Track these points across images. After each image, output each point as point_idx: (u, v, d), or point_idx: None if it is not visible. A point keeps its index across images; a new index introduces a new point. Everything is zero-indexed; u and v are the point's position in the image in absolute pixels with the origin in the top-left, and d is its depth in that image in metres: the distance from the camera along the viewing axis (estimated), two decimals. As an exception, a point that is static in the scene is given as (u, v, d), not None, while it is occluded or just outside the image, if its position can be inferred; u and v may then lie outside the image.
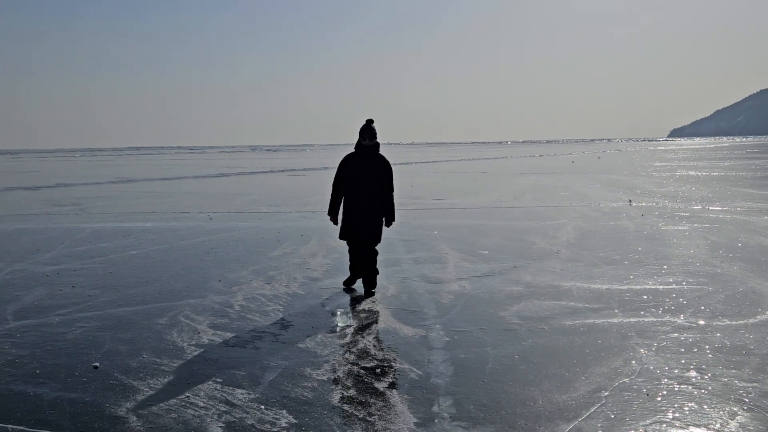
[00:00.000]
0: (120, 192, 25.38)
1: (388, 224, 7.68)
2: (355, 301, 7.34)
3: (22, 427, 4.19)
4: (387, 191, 7.52)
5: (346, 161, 7.58)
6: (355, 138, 7.61)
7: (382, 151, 7.71)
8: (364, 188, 7.41)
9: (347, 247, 7.81)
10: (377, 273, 7.68)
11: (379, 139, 7.57)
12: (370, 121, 7.56)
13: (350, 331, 5.79)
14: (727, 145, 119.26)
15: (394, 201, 7.70)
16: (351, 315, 5.61)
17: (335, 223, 7.64)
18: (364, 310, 6.92)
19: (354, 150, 7.60)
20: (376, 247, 7.64)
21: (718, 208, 15.92)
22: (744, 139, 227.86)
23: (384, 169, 7.50)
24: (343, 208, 7.60)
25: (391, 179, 7.58)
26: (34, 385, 4.92)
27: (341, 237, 7.63)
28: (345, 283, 7.88)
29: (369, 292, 7.57)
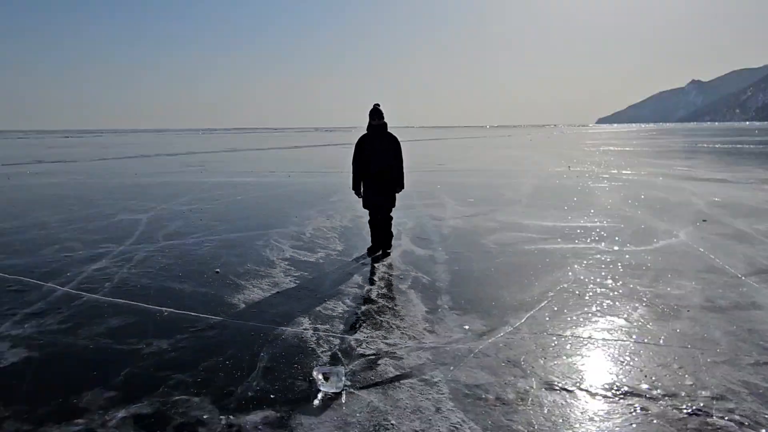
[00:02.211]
0: (229, 158, 25.45)
1: (397, 191, 6.17)
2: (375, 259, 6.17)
3: (172, 309, 4.30)
4: (397, 161, 6.11)
5: (363, 141, 6.11)
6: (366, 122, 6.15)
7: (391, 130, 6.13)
8: (379, 162, 6.00)
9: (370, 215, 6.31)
10: (392, 236, 6.31)
11: (385, 120, 6.09)
12: (377, 105, 6.12)
13: (343, 394, 2.91)
14: (635, 129, 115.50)
15: (404, 171, 6.21)
16: (343, 375, 3.03)
17: (359, 196, 6.15)
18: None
19: (366, 131, 6.14)
20: (391, 214, 6.28)
21: (628, 173, 15.52)
22: (647, 126, 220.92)
23: (395, 144, 6.11)
24: (363, 181, 6.10)
25: (401, 152, 6.14)
26: (179, 282, 5.03)
27: (364, 206, 6.21)
28: (369, 250, 6.18)
29: (385, 252, 6.20)
